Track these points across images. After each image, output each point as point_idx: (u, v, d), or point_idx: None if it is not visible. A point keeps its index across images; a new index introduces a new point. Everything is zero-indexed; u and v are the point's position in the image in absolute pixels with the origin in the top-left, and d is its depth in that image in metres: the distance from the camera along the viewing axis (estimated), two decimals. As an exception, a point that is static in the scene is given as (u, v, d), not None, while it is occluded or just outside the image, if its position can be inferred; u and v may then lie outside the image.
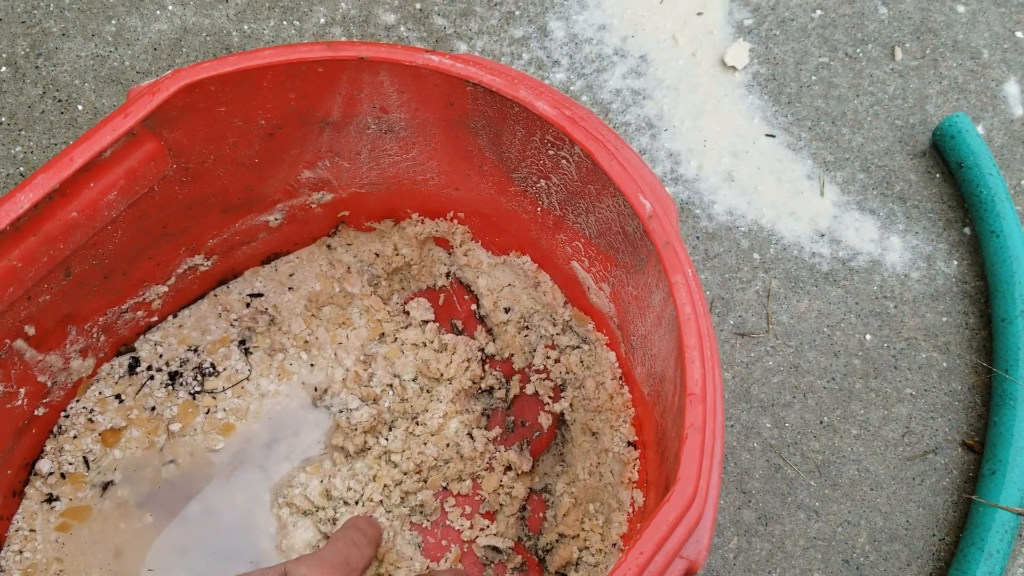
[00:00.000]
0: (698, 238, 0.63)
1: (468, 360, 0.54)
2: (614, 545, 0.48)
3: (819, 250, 0.63)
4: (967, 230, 0.63)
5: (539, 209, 0.50)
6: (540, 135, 0.43)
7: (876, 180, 0.65)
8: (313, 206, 0.53)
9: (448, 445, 0.51)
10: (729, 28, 0.69)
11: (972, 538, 0.52)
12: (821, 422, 0.57)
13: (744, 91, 0.67)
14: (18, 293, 0.39)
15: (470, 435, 0.52)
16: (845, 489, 0.56)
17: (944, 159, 0.65)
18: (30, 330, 0.45)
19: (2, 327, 0.42)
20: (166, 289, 0.52)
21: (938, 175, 0.65)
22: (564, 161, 0.43)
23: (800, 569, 0.53)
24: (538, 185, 0.48)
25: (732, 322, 0.60)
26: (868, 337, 0.60)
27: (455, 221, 0.55)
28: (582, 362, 0.53)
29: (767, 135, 0.66)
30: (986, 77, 0.68)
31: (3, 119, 0.62)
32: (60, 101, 0.63)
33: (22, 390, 0.47)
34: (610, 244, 0.46)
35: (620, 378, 0.51)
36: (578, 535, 0.49)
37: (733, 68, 0.68)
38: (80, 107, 0.62)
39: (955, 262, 0.62)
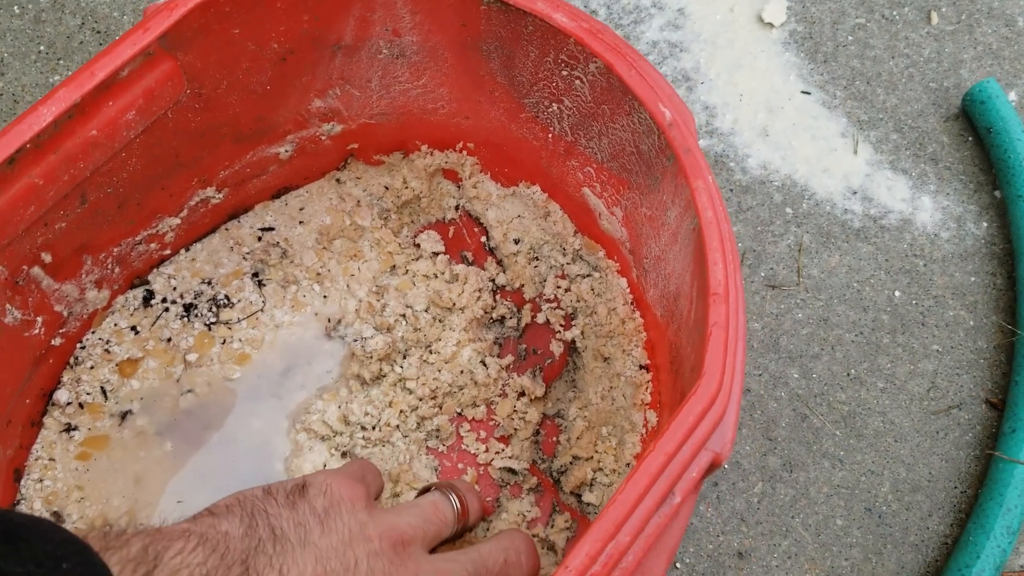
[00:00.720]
0: (731, 191, 0.63)
1: (479, 290, 0.54)
2: (627, 465, 0.49)
3: (851, 207, 0.63)
4: (997, 193, 0.64)
5: (550, 135, 0.50)
6: (554, 55, 0.43)
7: (909, 141, 0.66)
8: (323, 138, 0.53)
9: (462, 372, 0.52)
10: (767, -16, 0.70)
11: (991, 493, 0.53)
12: (848, 374, 0.58)
13: (780, 48, 0.68)
14: (38, 212, 0.40)
15: (483, 363, 0.53)
16: (870, 440, 0.57)
17: (973, 124, 0.66)
18: (47, 257, 0.45)
19: (20, 252, 0.43)
20: (179, 222, 0.52)
21: (970, 139, 0.66)
22: (578, 82, 0.44)
23: (823, 515, 0.54)
24: (550, 110, 0.48)
25: (763, 274, 0.61)
26: (897, 293, 0.61)
27: (464, 152, 0.55)
28: (593, 290, 0.53)
29: (802, 92, 0.67)
30: (1020, 44, 0.69)
31: (42, 48, 0.64)
32: (99, 32, 0.65)
33: (39, 319, 0.47)
34: (623, 166, 0.46)
35: (631, 303, 0.52)
36: (591, 457, 0.50)
37: (770, 25, 0.69)
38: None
39: (985, 224, 0.63)
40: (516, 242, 0.55)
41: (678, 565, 0.52)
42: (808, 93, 0.67)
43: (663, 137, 0.37)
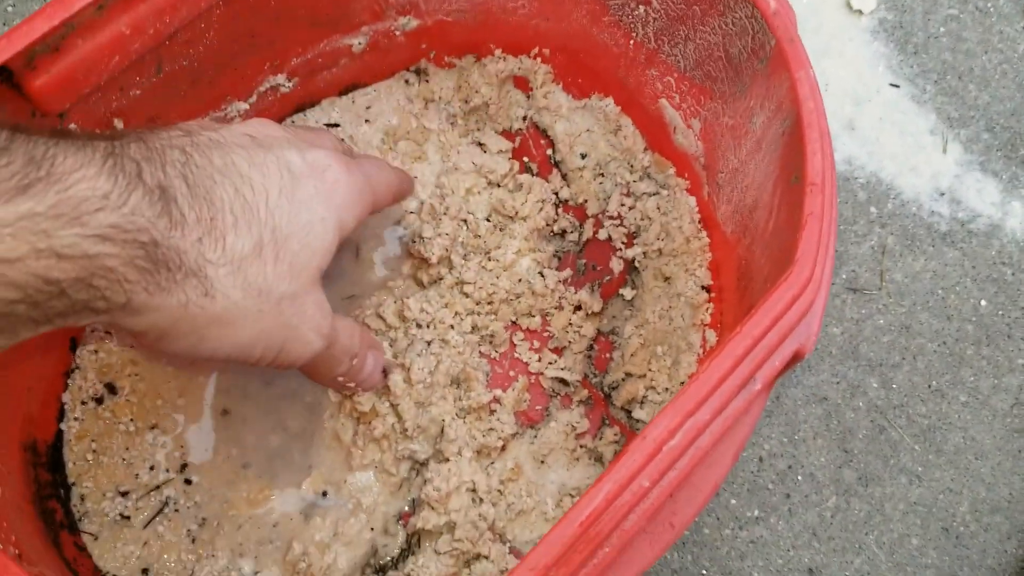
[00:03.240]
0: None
1: (542, 201, 0.53)
2: (681, 383, 0.49)
3: (938, 209, 0.61)
4: None
5: (632, 42, 0.49)
6: (649, -51, 0.42)
7: (1001, 141, 0.63)
8: (397, 33, 0.53)
9: (520, 280, 0.52)
10: (857, -29, 0.67)
11: None
12: (929, 386, 0.56)
13: (869, 36, 0.65)
14: (122, 65, 0.39)
15: (541, 273, 0.52)
16: (949, 456, 0.54)
17: None
18: (119, 124, 0.45)
19: (95, 111, 0.42)
20: (247, 107, 0.52)
21: None
22: (670, -20, 0.42)
23: (898, 533, 0.52)
24: (636, 13, 0.47)
25: (844, 276, 0.58)
26: (983, 303, 0.58)
27: (539, 59, 0.54)
28: (659, 208, 0.52)
29: (891, 84, 0.64)
30: (1122, 41, 0.65)
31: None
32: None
33: (106, 189, 0.47)
34: (707, 74, 0.45)
35: (699, 222, 0.51)
36: (644, 375, 0.49)
37: (859, 12, 0.66)
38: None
39: None
40: (583, 156, 0.54)
41: None
42: (897, 86, 0.64)
43: (766, 27, 0.36)
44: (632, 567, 0.32)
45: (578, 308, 0.52)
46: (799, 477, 0.52)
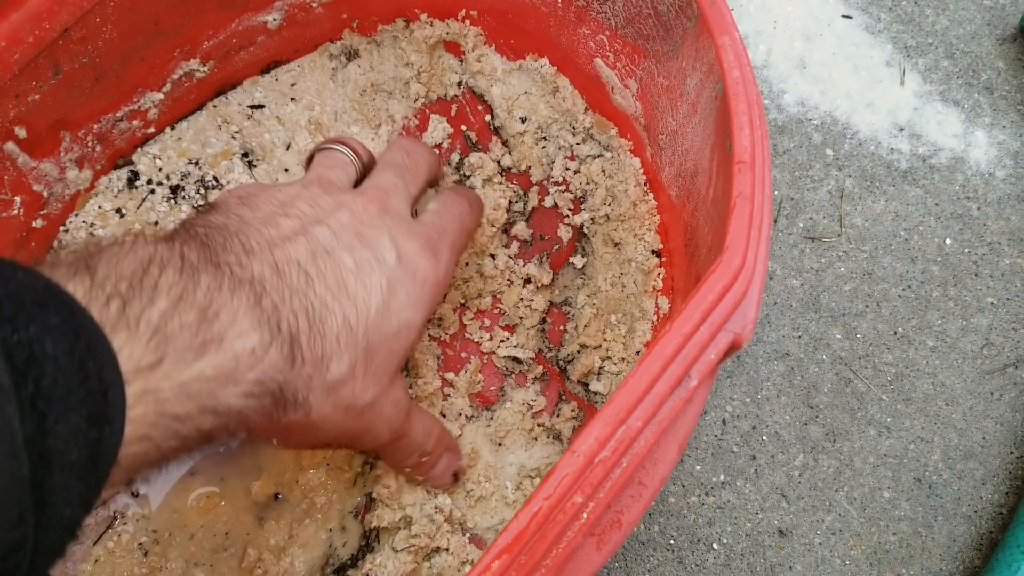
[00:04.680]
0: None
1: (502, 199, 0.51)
2: (637, 353, 0.47)
3: (897, 146, 0.58)
4: None
5: (559, 0, 0.46)
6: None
7: (961, 68, 0.60)
8: (314, 5, 0.50)
9: (467, 265, 0.50)
10: None
11: None
12: (895, 333, 0.54)
13: None
14: (4, 77, 0.36)
15: (491, 255, 0.50)
16: (919, 404, 0.53)
17: None
18: (21, 132, 0.42)
19: (-10, 123, 0.40)
20: (162, 97, 0.49)
21: None
22: (591, -66, 0.40)
23: (869, 487, 0.51)
24: (560, -30, 0.44)
25: (802, 225, 0.56)
26: (948, 241, 0.56)
27: (467, 22, 0.51)
28: (604, 171, 0.50)
29: (843, 16, 0.60)
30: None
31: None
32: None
33: (17, 199, 0.45)
34: (639, 32, 0.42)
35: (644, 184, 0.49)
36: (600, 345, 0.48)
37: None
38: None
39: None
40: (523, 120, 0.52)
41: (715, 546, 0.49)
42: (849, 17, 0.60)
43: (686, -12, 0.33)
44: (581, 572, 0.31)
45: (528, 281, 0.50)
46: (764, 437, 0.51)
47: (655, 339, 0.28)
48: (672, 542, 0.48)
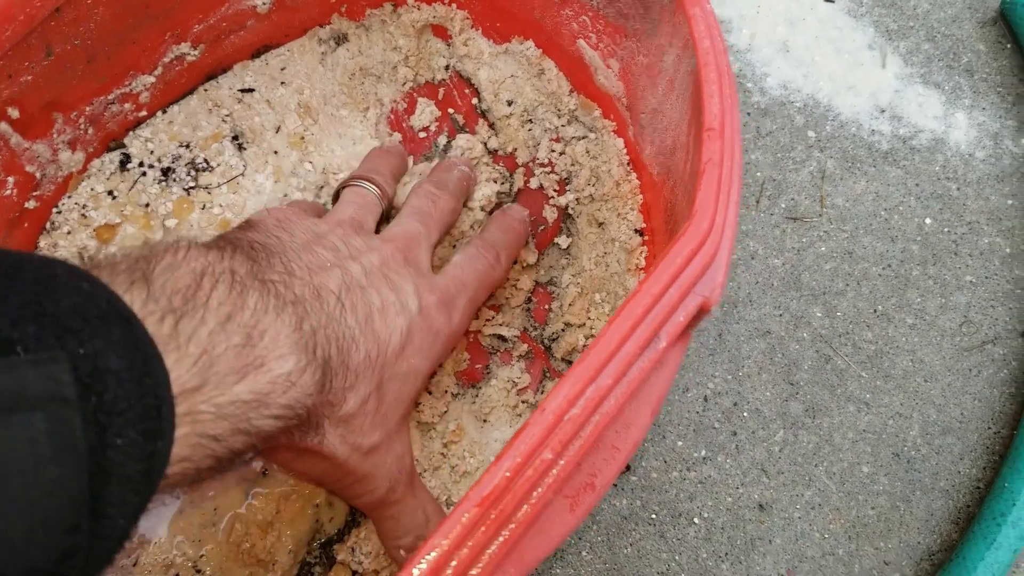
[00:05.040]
0: (749, 114, 0.58)
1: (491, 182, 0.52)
2: (621, 331, 0.48)
3: (879, 127, 0.58)
4: None
5: (543, -18, 0.47)
6: None
7: (942, 51, 0.60)
8: (303, -11, 0.50)
9: (454, 247, 0.50)
10: None
11: None
12: (875, 311, 0.54)
13: None
14: (-5, 53, 0.37)
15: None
16: (898, 381, 0.53)
17: (1013, 29, 0.60)
18: (14, 112, 0.43)
19: (-17, 102, 0.40)
20: (153, 80, 0.50)
21: (1008, 46, 0.60)
22: (570, -85, 0.40)
23: (848, 462, 0.51)
24: (542, -48, 0.44)
25: (784, 205, 0.56)
26: (928, 221, 0.56)
27: (453, 5, 0.52)
28: (588, 152, 0.51)
29: (826, 0, 0.61)
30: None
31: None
32: None
33: (10, 179, 0.45)
34: (620, 11, 0.43)
35: (628, 164, 0.49)
36: (584, 324, 0.49)
37: None
38: None
39: (1023, 140, 0.58)
40: (509, 103, 0.53)
41: (696, 520, 0.50)
42: (832, 1, 0.61)
43: (658, -36, 0.34)
44: (554, 532, 0.31)
45: (514, 262, 0.51)
46: (745, 414, 0.51)
47: (626, 301, 0.29)
48: (654, 516, 0.49)
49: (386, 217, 0.47)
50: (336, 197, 0.46)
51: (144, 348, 0.23)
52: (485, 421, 0.48)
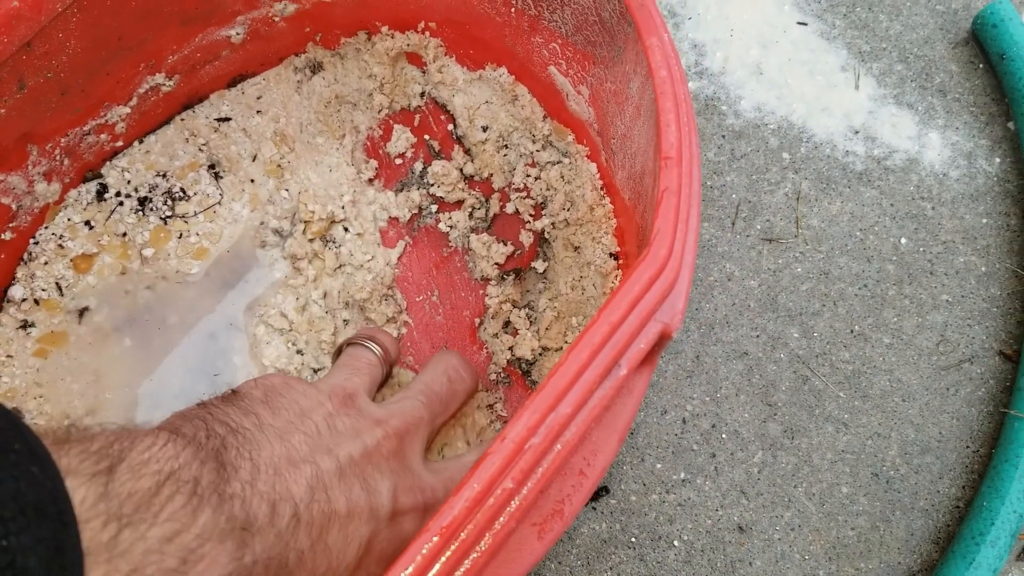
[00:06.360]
0: (724, 137, 0.59)
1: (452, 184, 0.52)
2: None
3: (853, 148, 0.59)
4: (1011, 124, 0.59)
5: (512, 10, 0.47)
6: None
7: (915, 71, 0.61)
8: (276, 19, 0.51)
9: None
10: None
11: (1006, 453, 0.50)
12: (852, 331, 0.55)
13: None
14: (-38, 90, 0.37)
15: (450, 255, 0.51)
16: (876, 401, 0.53)
17: (985, 50, 0.60)
18: (-14, 146, 0.43)
19: (-47, 137, 0.41)
20: (129, 111, 0.50)
21: (981, 65, 0.61)
22: (536, -55, 0.41)
23: (827, 483, 0.51)
24: (511, -20, 0.45)
25: (759, 227, 0.57)
26: (903, 241, 0.57)
27: (427, 33, 0.52)
28: (563, 177, 0.51)
29: (799, 23, 0.61)
30: (1036, -41, 0.62)
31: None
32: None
33: (-15, 212, 0.46)
34: (587, 39, 0.44)
35: (601, 188, 0.50)
36: (561, 347, 0.49)
37: None
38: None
39: (997, 159, 0.59)
40: (484, 129, 0.53)
41: (676, 543, 0.49)
42: (805, 24, 0.61)
43: (618, -6, 0.34)
44: (522, 560, 0.31)
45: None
46: (724, 435, 0.51)
47: (585, 329, 0.29)
48: (634, 540, 0.49)
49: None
50: (338, 353, 0.44)
51: (70, 554, 0.22)
52: (468, 444, 0.48)
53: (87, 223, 0.50)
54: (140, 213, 0.51)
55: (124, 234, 0.50)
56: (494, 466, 0.27)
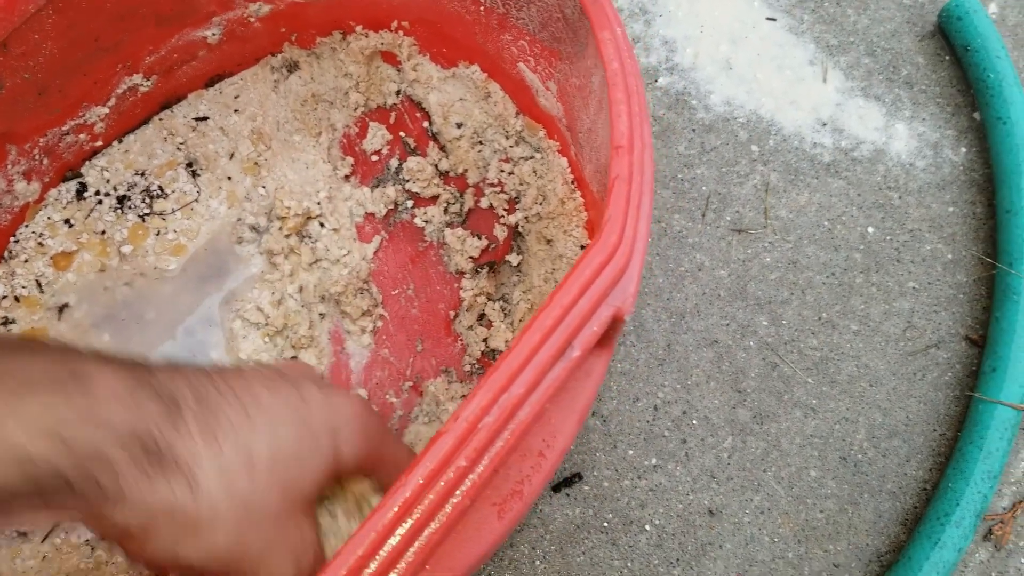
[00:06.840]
0: (694, 131, 0.60)
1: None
2: (568, 344, 0.49)
3: (821, 140, 0.60)
4: (976, 115, 0.60)
5: (481, 8, 0.48)
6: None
7: (882, 64, 0.62)
8: (251, 20, 0.52)
9: (403, 258, 0.52)
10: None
11: (971, 436, 0.51)
12: (819, 318, 0.55)
13: None
14: (-63, 90, 0.38)
15: (425, 249, 0.52)
16: (843, 386, 0.54)
17: (950, 42, 0.61)
18: (-36, 146, 0.44)
19: (-68, 137, 0.42)
20: (107, 111, 0.51)
21: (947, 57, 0.62)
22: (499, -57, 0.42)
23: (796, 467, 0.52)
24: (477, -22, 0.46)
25: (729, 218, 0.58)
26: (870, 230, 0.58)
27: (400, 32, 0.53)
28: (535, 171, 0.52)
29: (768, 19, 0.62)
30: (1000, -46, 0.64)
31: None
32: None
33: (-35, 210, 0.46)
34: (553, 35, 0.45)
35: (572, 182, 0.51)
36: (534, 338, 0.50)
37: None
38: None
39: (963, 149, 0.60)
40: (459, 126, 0.54)
41: (647, 527, 0.50)
42: (774, 19, 0.62)
43: (573, -10, 0.35)
44: (482, 539, 0.32)
45: (464, 279, 0.52)
46: (694, 421, 0.52)
47: (537, 312, 0.30)
48: (606, 524, 0.50)
49: None
50: None
51: None
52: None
53: (67, 221, 0.51)
54: (119, 211, 0.52)
55: (103, 232, 0.51)
56: (448, 444, 0.28)
